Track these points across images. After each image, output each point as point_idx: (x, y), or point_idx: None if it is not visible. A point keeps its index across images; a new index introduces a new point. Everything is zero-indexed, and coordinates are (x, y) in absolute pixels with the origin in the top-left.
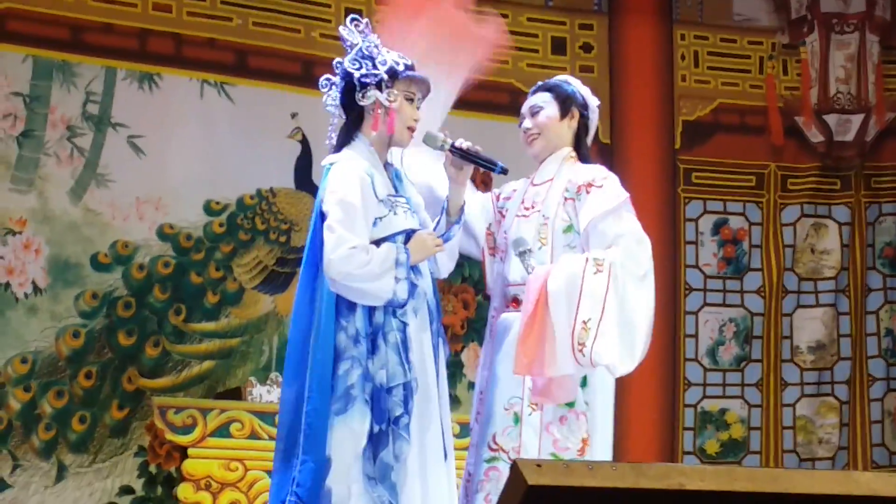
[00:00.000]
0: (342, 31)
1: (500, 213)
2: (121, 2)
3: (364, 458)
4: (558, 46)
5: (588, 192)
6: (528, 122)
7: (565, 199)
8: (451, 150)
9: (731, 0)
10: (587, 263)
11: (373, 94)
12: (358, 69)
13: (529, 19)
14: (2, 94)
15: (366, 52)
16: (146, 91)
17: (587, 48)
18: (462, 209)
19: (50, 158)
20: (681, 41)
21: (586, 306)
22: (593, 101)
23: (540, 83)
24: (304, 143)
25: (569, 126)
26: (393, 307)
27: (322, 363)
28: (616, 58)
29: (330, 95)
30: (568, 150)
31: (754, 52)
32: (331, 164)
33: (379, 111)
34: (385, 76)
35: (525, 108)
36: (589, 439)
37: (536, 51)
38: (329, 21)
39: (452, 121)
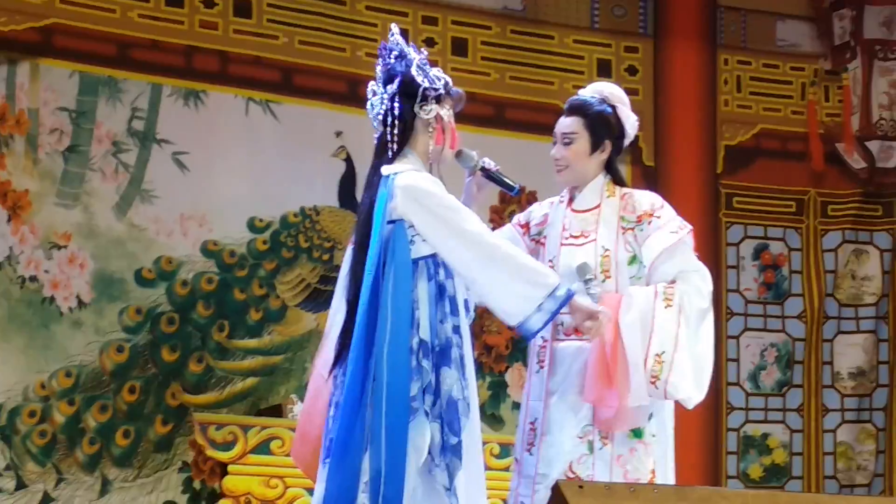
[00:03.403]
0: (394, 39)
1: (537, 241)
2: (167, 19)
3: (431, 469)
4: (603, 69)
5: (650, 223)
6: (557, 151)
7: (623, 229)
8: (480, 170)
9: (774, 26)
10: (657, 298)
11: (434, 108)
12: (423, 80)
13: (575, 41)
14: (48, 109)
15: (422, 66)
16: (191, 108)
17: (632, 71)
18: None
19: (95, 174)
20: (724, 66)
21: (658, 340)
22: (631, 119)
23: (576, 100)
24: (349, 161)
25: (598, 158)
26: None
27: (395, 371)
28: (660, 81)
29: (375, 103)
30: (603, 177)
31: (797, 77)
32: (395, 174)
33: (440, 126)
34: (443, 91)
35: (557, 131)
36: (656, 469)
37: (582, 73)
38: (374, 40)
39: (499, 142)
